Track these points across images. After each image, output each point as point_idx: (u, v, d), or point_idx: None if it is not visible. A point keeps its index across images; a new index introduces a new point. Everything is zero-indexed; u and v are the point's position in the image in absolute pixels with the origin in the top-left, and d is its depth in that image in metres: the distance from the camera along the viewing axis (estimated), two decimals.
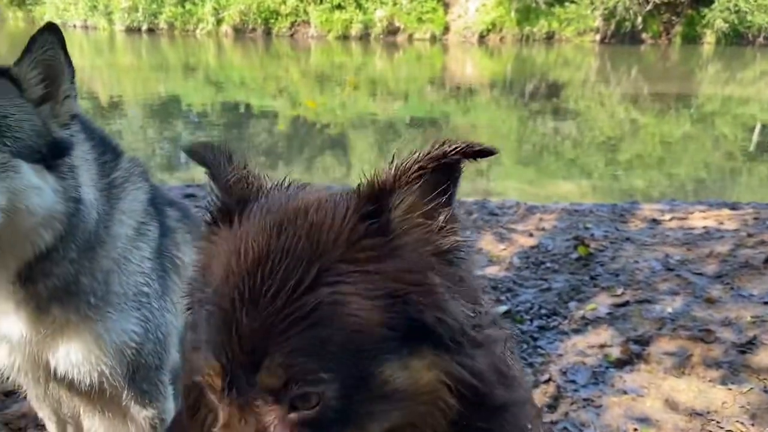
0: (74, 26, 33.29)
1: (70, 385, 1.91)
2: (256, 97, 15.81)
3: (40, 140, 1.59)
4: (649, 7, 27.46)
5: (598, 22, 27.91)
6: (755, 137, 11.97)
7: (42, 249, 1.64)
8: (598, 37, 28.08)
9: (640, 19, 27.77)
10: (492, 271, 4.22)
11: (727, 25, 26.81)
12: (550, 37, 28.40)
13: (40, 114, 1.63)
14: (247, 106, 14.33)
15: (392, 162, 0.97)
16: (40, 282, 1.69)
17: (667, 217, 5.40)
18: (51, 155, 1.61)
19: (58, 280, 1.72)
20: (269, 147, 10.68)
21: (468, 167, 1.00)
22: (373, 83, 18.63)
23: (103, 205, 1.77)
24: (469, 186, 7.96)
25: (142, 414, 2.04)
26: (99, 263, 1.79)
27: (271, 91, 16.89)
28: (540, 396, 2.90)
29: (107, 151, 1.87)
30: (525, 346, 3.34)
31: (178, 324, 2.09)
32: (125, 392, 1.97)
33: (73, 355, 1.81)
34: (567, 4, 27.90)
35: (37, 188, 1.57)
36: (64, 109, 1.67)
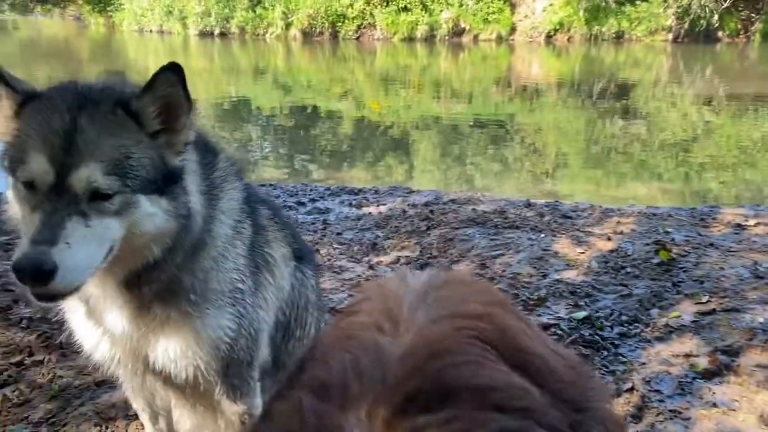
0: (150, 31, 34.64)
1: (167, 379, 1.97)
2: (323, 99, 16.01)
3: (157, 173, 1.64)
4: (726, 4, 26.35)
5: (670, 21, 26.97)
6: None
7: (150, 261, 1.70)
8: (670, 36, 27.14)
9: (716, 16, 26.67)
10: (570, 275, 4.14)
11: None
12: (619, 37, 27.64)
13: (157, 146, 1.66)
14: (314, 108, 14.54)
15: None
16: (146, 286, 1.76)
17: (752, 222, 5.16)
18: (165, 183, 1.66)
19: (163, 283, 1.78)
20: (334, 148, 10.79)
21: (534, 167, 0.91)
22: (437, 85, 18.58)
23: (205, 208, 1.82)
24: (536, 187, 7.85)
25: (232, 409, 2.09)
26: (201, 263, 1.84)
27: (336, 93, 17.08)
28: (623, 405, 2.83)
29: (207, 152, 1.92)
30: (605, 353, 3.26)
31: (269, 320, 2.14)
32: (218, 387, 2.02)
33: (171, 350, 1.87)
34: (638, 2, 27.09)
35: (152, 215, 1.63)
36: (180, 139, 1.71)
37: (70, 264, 1.47)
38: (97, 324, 1.90)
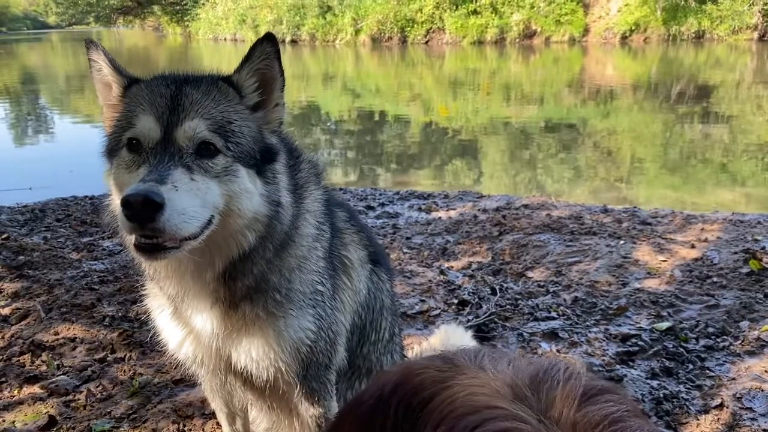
0: (225, 39, 35.79)
1: (247, 380, 1.98)
2: (391, 104, 16.07)
3: (255, 146, 1.67)
4: None
5: (756, 19, 25.65)
6: None
7: (245, 249, 1.71)
8: (756, 35, 25.82)
9: None
10: (651, 284, 3.96)
11: None
12: (699, 37, 26.52)
13: (256, 120, 1.70)
14: (382, 113, 14.61)
15: None
16: (239, 280, 1.77)
17: None
18: (262, 160, 1.68)
19: (254, 278, 1.79)
20: (401, 152, 10.80)
21: (608, 173, 0.88)
22: (506, 88, 18.33)
23: (292, 206, 1.82)
24: (611, 193, 7.59)
25: (309, 412, 2.08)
26: (287, 261, 1.85)
27: (405, 98, 17.11)
28: (711, 423, 2.67)
29: (291, 153, 1.93)
30: (691, 366, 3.09)
31: (346, 323, 2.12)
32: (296, 389, 2.01)
33: (254, 351, 1.87)
34: (720, 0, 25.92)
35: (249, 192, 1.64)
36: (274, 116, 1.74)
37: (178, 205, 1.46)
38: (183, 324, 1.93)
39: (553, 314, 3.59)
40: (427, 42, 29.63)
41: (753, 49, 24.56)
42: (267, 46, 1.67)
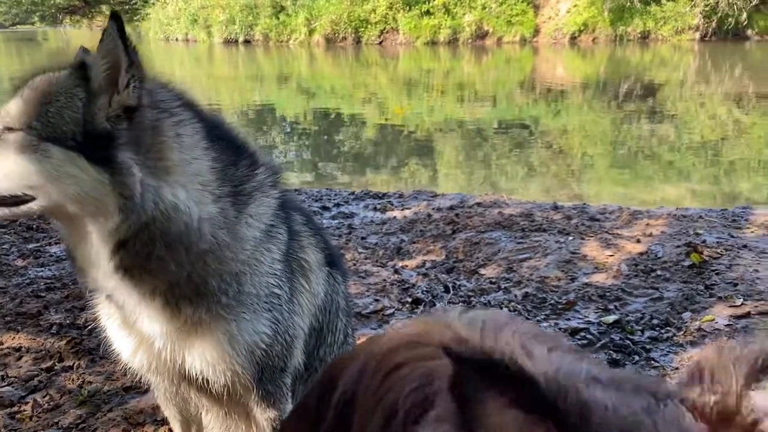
0: (177, 39, 35.15)
1: (202, 386, 1.96)
2: (346, 104, 16.07)
3: (76, 128, 1.59)
4: (755, 2, 25.88)
5: (697, 20, 26.57)
6: None
7: (117, 238, 1.66)
8: (697, 36, 26.73)
9: (745, 14, 26.21)
10: (599, 278, 4.08)
11: None
12: (645, 37, 27.31)
13: (92, 102, 1.61)
14: (337, 113, 14.59)
15: None
16: (152, 278, 1.73)
17: None
18: (87, 144, 1.59)
19: (181, 280, 1.75)
20: (358, 153, 10.82)
21: (560, 171, 0.93)
22: (460, 88, 18.52)
23: (222, 210, 1.78)
24: (563, 191, 7.76)
25: (265, 415, 2.07)
26: (227, 265, 1.82)
27: (360, 98, 17.13)
28: None
29: (231, 150, 1.88)
30: (637, 357, 3.20)
31: (304, 326, 2.12)
32: (253, 393, 2.01)
33: (208, 354, 1.86)
34: (664, 2, 26.75)
35: (73, 176, 1.59)
36: (117, 100, 1.62)
37: None
38: (132, 331, 1.90)
39: (505, 310, 3.66)
40: (381, 42, 29.72)
41: (695, 49, 25.41)
42: (109, 24, 1.59)
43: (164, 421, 2.56)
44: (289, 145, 11.70)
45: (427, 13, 28.85)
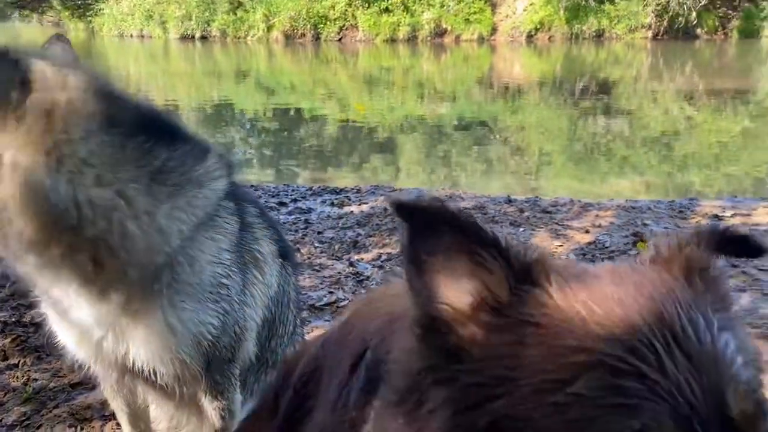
0: (131, 36, 34.44)
1: (148, 377, 1.94)
2: (306, 101, 16.00)
3: None
4: (704, 2, 26.67)
5: (650, 19, 27.27)
6: None
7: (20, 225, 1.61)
8: (650, 34, 27.44)
9: (694, 14, 27.00)
10: None
11: None
12: (599, 35, 27.89)
13: None
14: (297, 110, 14.52)
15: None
16: (69, 265, 1.70)
17: (729, 213, 5.23)
18: None
19: (86, 266, 1.70)
20: (318, 150, 10.79)
21: (517, 166, 1.01)
22: (420, 85, 18.62)
23: (122, 196, 1.71)
24: (520, 185, 7.88)
25: (213, 405, 2.08)
26: (150, 255, 1.76)
27: (320, 95, 17.08)
28: None
29: (160, 147, 1.82)
30: None
31: (257, 318, 2.12)
32: (201, 383, 2.00)
33: (151, 345, 1.84)
34: (617, 0, 27.36)
35: None
36: None
37: None
38: (71, 323, 1.88)
39: None
40: (340, 39, 29.67)
41: (648, 47, 26.08)
42: None
43: (112, 416, 2.53)
44: (249, 143, 11.60)
45: (387, 10, 28.92)
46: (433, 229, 0.91)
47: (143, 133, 1.78)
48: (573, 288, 0.88)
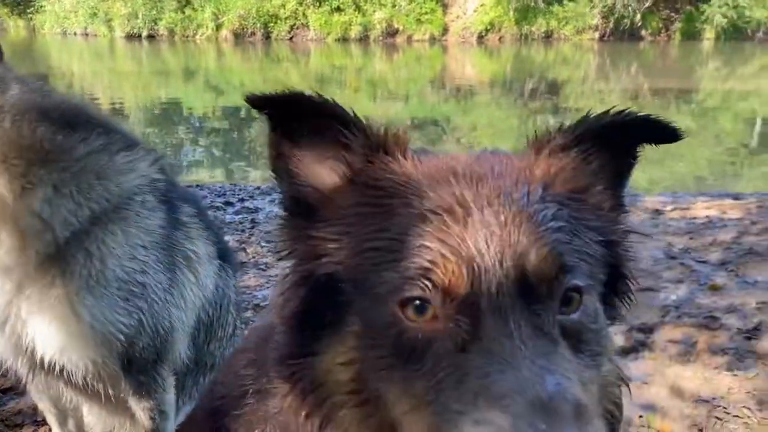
0: (75, 34, 33.43)
1: (62, 375, 1.88)
2: None
3: None
4: (648, 4, 27.47)
5: (596, 20, 27.93)
6: (757, 131, 11.93)
7: None
8: (597, 35, 28.09)
9: (638, 16, 27.77)
10: None
11: (726, 20, 26.82)
12: (548, 36, 28.42)
13: None
14: (248, 110, 14.29)
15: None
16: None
17: (669, 207, 5.37)
18: None
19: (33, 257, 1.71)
20: None
21: None
22: (373, 85, 18.63)
23: (54, 187, 1.73)
24: None
25: (140, 405, 2.01)
26: (35, 244, 1.74)
27: None
28: None
29: (69, 127, 1.80)
30: None
31: (187, 319, 2.05)
32: (123, 383, 1.93)
33: (52, 339, 1.78)
34: (565, 2, 27.94)
35: None
36: None
37: None
38: None
39: None
40: (291, 38, 29.45)
41: (595, 48, 26.69)
42: None
43: (43, 422, 2.43)
44: (197, 143, 11.39)
45: (338, 9, 28.84)
46: (295, 117, 0.99)
47: (44, 122, 1.75)
48: (422, 160, 1.00)
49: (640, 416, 2.63)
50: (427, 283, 0.87)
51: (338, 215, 0.99)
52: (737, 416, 2.63)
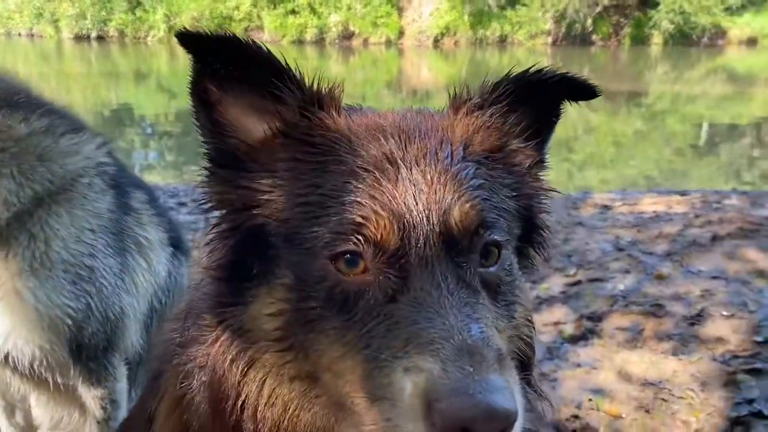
0: (19, 35, 32.43)
1: (7, 362, 1.83)
2: None
3: None
4: (598, 10, 28.16)
5: (549, 25, 28.50)
6: (703, 133, 12.32)
7: None
8: (549, 40, 28.67)
9: (589, 21, 28.45)
10: None
11: (672, 26, 27.70)
12: (503, 40, 28.87)
13: None
14: None
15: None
16: None
17: (618, 203, 5.50)
18: None
19: None
20: None
21: None
22: None
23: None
24: None
25: (91, 393, 1.96)
26: (18, 227, 1.73)
27: None
28: None
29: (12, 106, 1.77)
30: None
31: (139, 306, 2.01)
32: (71, 371, 1.89)
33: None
34: (519, 7, 28.42)
35: None
36: None
37: None
38: None
39: None
40: None
41: (548, 52, 27.22)
42: None
43: None
44: (150, 146, 11.18)
45: (293, 12, 28.72)
46: (225, 62, 0.97)
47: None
48: (354, 117, 1.04)
49: (590, 399, 2.68)
50: (359, 237, 0.91)
51: (269, 168, 0.99)
52: (681, 398, 2.70)
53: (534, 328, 1.18)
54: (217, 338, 1.03)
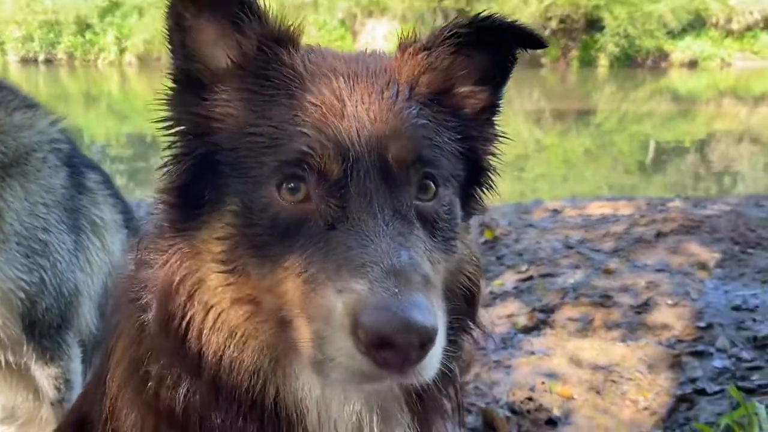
0: None
1: None
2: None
3: None
4: (546, 33, 29.02)
5: None
6: (650, 152, 12.75)
7: None
8: None
9: None
10: None
11: (618, 49, 28.67)
12: None
13: None
14: (154, 137, 13.92)
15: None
16: None
17: (568, 208, 5.66)
18: None
19: None
20: None
21: None
22: None
23: None
24: None
25: (44, 372, 1.95)
26: None
27: None
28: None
29: None
30: None
31: (93, 285, 2.01)
32: (24, 348, 1.88)
33: None
34: None
35: None
36: None
37: None
38: None
39: None
40: None
41: None
42: None
43: None
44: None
45: None
46: None
47: None
48: (309, 56, 1.09)
49: (543, 383, 2.75)
50: (304, 166, 0.97)
51: (225, 97, 1.05)
52: (630, 379, 2.79)
53: (480, 266, 1.24)
54: (167, 260, 1.07)
